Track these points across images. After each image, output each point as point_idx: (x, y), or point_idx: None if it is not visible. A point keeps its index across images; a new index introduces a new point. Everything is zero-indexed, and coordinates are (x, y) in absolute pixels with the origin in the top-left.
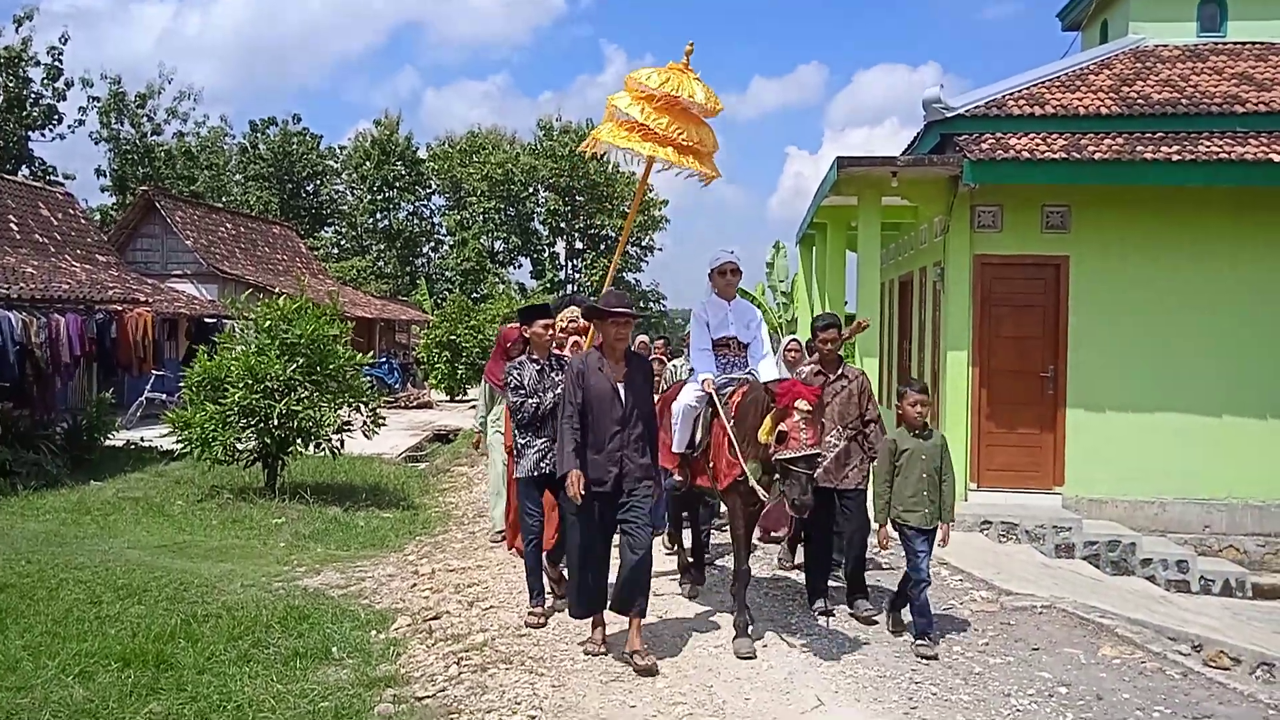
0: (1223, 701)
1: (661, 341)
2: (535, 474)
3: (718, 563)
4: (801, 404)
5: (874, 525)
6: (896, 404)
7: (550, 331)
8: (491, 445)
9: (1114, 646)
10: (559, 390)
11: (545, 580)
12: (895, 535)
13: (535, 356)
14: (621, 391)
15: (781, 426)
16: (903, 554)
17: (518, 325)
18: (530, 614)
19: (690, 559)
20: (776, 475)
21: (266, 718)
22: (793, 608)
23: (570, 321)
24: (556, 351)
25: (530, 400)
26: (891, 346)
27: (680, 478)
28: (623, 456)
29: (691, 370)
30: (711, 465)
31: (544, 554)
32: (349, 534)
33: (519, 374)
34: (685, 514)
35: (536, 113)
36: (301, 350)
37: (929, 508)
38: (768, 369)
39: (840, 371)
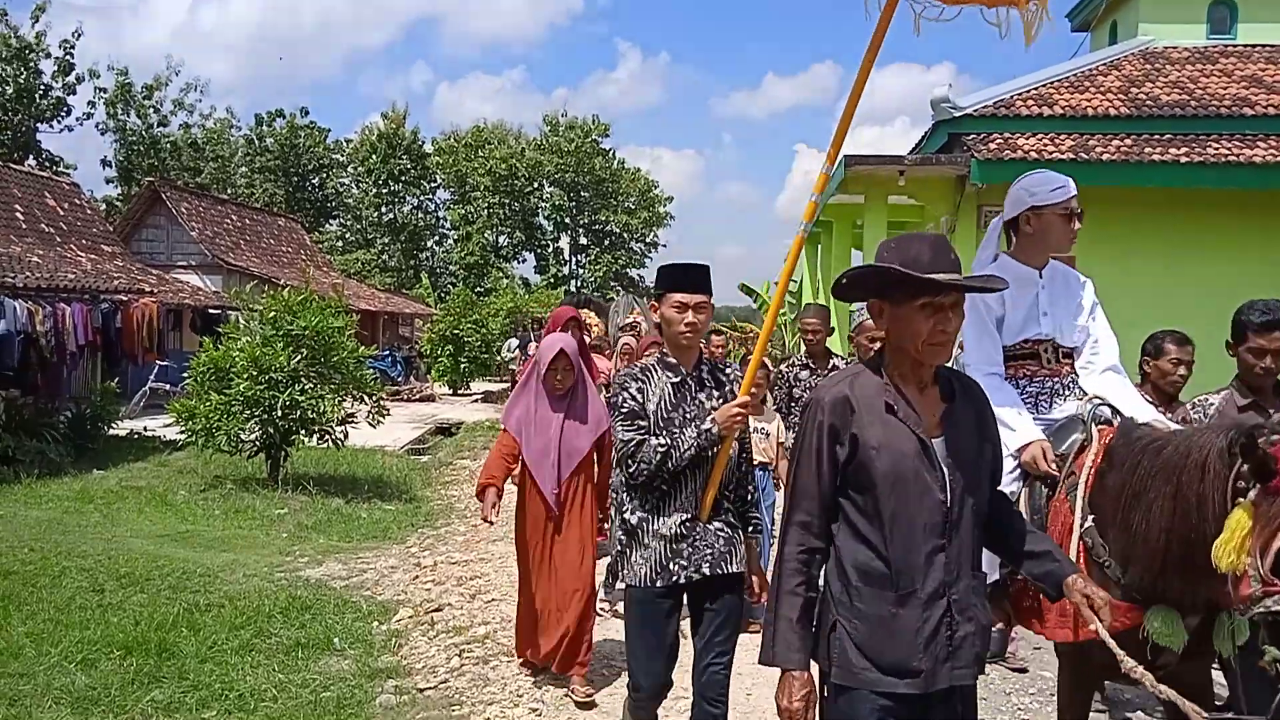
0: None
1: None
2: (660, 584)
3: None
4: None
5: None
6: None
7: (701, 316)
8: None
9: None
10: (710, 427)
11: None
12: None
13: (672, 359)
14: (940, 459)
15: None
16: None
17: (573, 306)
18: None
19: None
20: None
21: (268, 707)
22: None
23: (631, 329)
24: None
25: (657, 441)
26: None
27: (998, 625)
28: (953, 610)
29: None
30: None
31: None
32: (351, 525)
33: (637, 390)
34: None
35: (550, 109)
36: (306, 342)
37: None
38: (1126, 395)
39: None
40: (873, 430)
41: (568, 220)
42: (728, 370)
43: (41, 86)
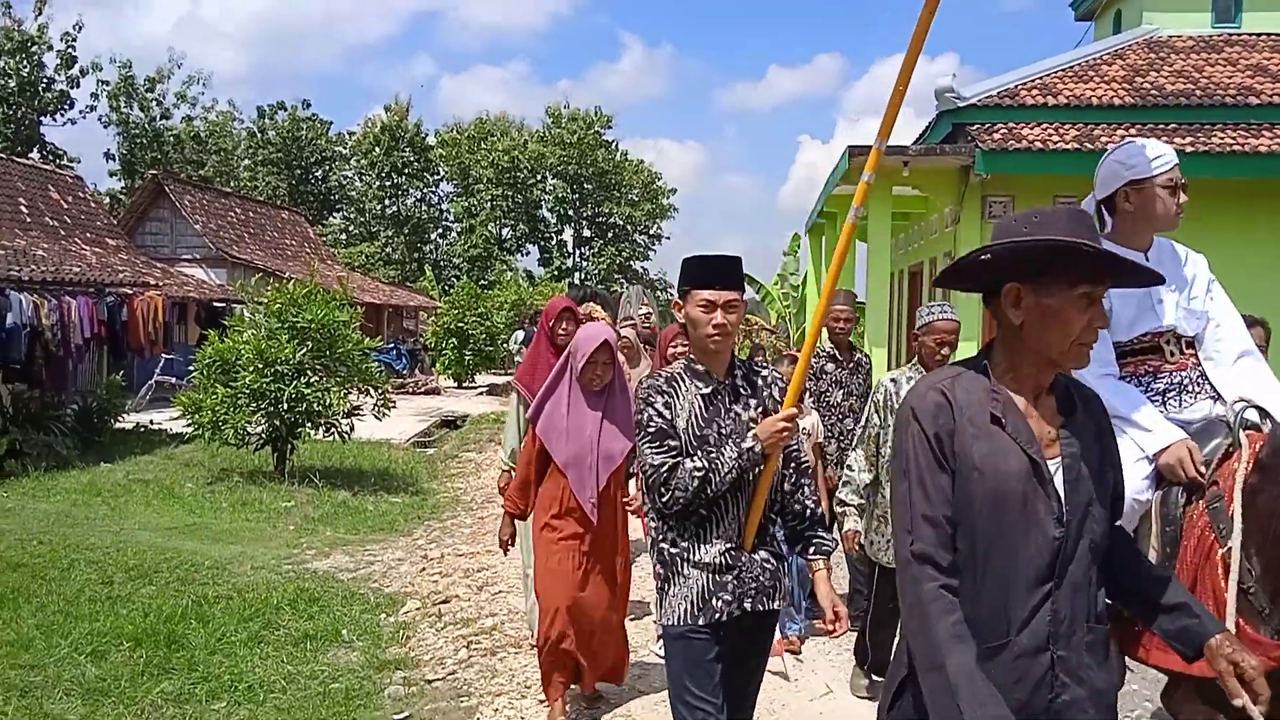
0: None
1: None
2: (702, 621)
3: None
4: None
5: None
6: None
7: (732, 317)
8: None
9: None
10: (753, 445)
11: None
12: None
13: (701, 366)
14: (1056, 484)
15: None
16: None
17: (570, 298)
18: None
19: None
20: None
21: (277, 699)
22: None
23: (631, 321)
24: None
25: (693, 465)
26: (900, 338)
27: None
28: (1057, 669)
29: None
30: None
31: None
32: (358, 518)
33: (664, 405)
34: None
35: (553, 101)
36: (311, 335)
37: None
38: (1270, 390)
39: None
40: (976, 445)
41: (571, 213)
42: (764, 373)
43: (44, 80)
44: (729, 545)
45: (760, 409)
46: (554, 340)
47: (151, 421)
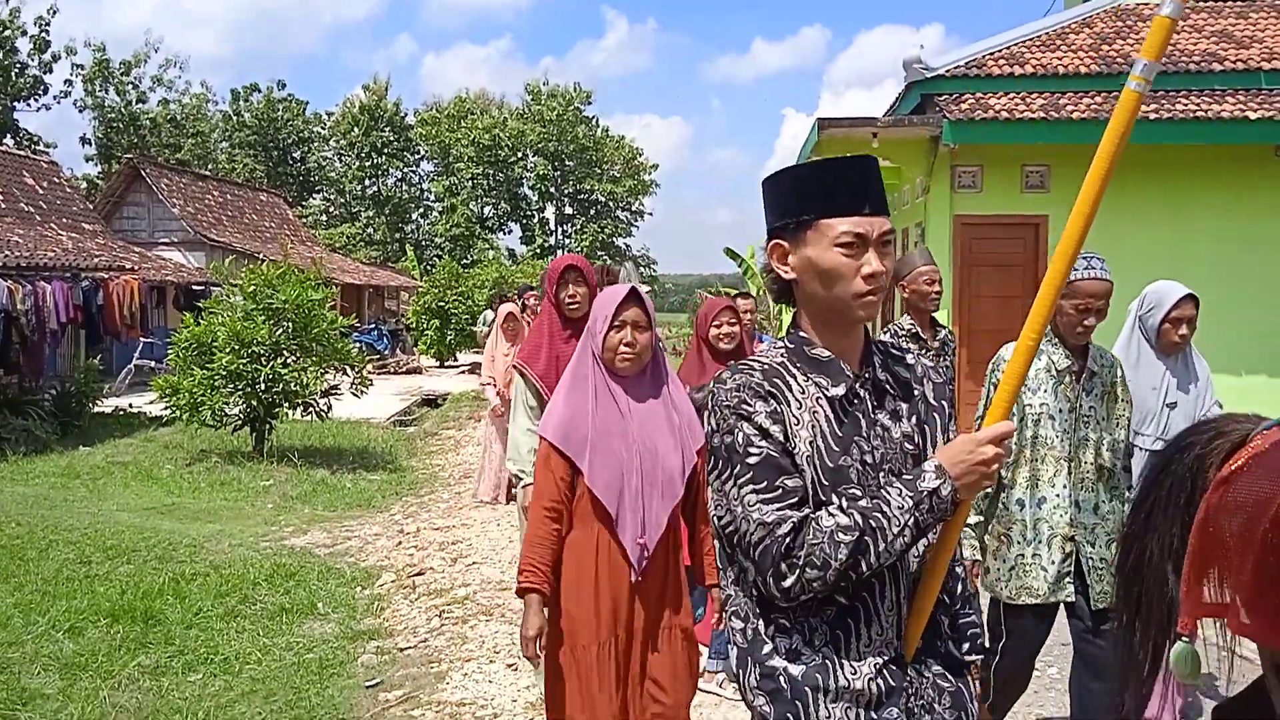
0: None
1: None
2: None
3: None
4: None
5: None
6: None
7: (890, 262)
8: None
9: None
10: (939, 484)
11: None
12: None
13: (825, 352)
14: None
15: None
16: None
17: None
18: None
19: None
20: None
21: (253, 669)
22: None
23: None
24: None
25: (834, 522)
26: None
27: None
28: None
29: None
30: None
31: None
32: (336, 495)
33: (765, 413)
34: None
35: (534, 77)
36: (286, 315)
37: None
38: None
39: None
40: None
41: (552, 190)
42: (908, 360)
43: (18, 65)
44: (885, 658)
45: (915, 422)
46: (563, 311)
47: (131, 405)
